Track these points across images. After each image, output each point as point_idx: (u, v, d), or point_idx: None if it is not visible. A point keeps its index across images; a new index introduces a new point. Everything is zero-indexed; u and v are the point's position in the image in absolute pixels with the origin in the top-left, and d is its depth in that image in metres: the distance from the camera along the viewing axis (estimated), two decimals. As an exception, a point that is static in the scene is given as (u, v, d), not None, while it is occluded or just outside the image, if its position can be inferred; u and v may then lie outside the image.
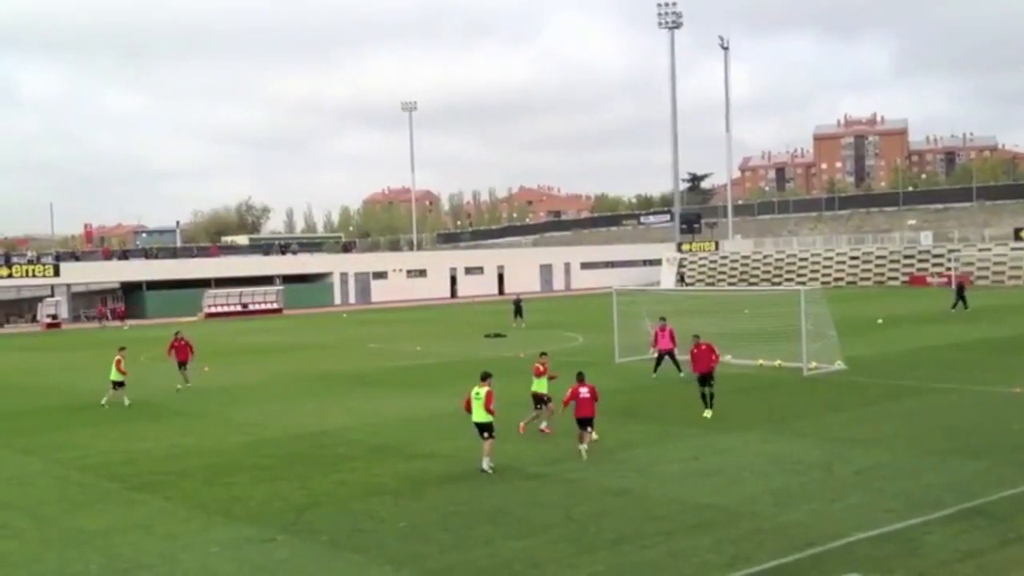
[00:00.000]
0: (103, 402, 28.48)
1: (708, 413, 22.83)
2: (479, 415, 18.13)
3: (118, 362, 28.69)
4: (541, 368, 21.76)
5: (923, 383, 27.48)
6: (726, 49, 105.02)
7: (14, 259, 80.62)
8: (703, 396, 23.25)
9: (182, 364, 32.19)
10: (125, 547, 14.24)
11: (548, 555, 13.07)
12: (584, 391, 19.15)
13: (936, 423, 21.40)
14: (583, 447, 18.93)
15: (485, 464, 17.96)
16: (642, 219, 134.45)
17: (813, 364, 30.02)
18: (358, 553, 13.54)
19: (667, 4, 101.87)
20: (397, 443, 21.45)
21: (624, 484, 16.80)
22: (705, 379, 23.21)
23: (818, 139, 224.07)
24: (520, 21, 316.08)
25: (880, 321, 31.36)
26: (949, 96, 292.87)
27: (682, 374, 29.23)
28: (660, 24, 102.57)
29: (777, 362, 31.30)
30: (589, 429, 19.16)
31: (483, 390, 18.19)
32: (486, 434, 18.05)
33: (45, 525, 15.76)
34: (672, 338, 30.12)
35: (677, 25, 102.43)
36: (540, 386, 21.49)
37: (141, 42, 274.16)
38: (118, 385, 28.58)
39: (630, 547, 13.26)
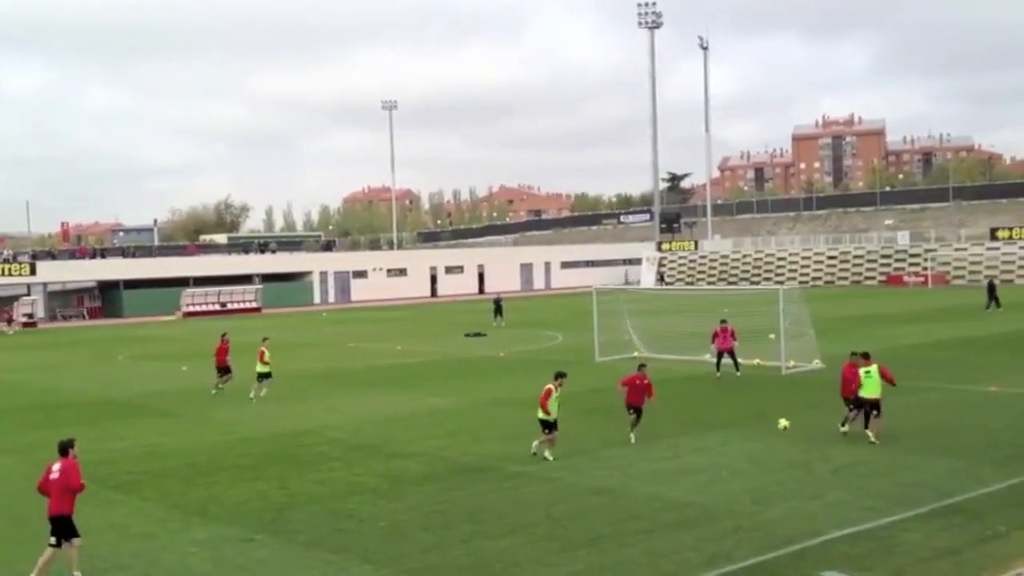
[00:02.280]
0: (251, 396, 27.79)
1: (871, 435, 19.31)
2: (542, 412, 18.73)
3: (261, 353, 28.18)
4: (854, 370, 19.58)
5: (900, 381, 27.46)
6: (705, 49, 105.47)
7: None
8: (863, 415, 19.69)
9: (220, 369, 29.63)
10: (102, 547, 14.13)
11: (528, 554, 13.07)
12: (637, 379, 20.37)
13: (913, 422, 21.54)
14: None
15: (547, 453, 18.73)
16: (622, 218, 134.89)
17: (791, 363, 30.18)
18: (337, 553, 13.50)
19: (647, 4, 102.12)
20: (377, 442, 21.41)
21: (604, 483, 16.81)
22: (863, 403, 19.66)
23: (796, 139, 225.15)
24: (504, 21, 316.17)
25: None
26: (926, 97, 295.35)
27: (739, 373, 29.36)
28: (640, 24, 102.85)
29: (756, 361, 31.42)
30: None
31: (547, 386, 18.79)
32: (547, 430, 18.68)
33: (21, 525, 15.61)
34: (734, 336, 29.88)
35: (657, 25, 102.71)
36: (871, 390, 19.34)
37: (124, 40, 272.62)
38: (264, 377, 28.09)
39: (610, 545, 13.28)
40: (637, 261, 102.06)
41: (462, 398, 27.61)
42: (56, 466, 13.04)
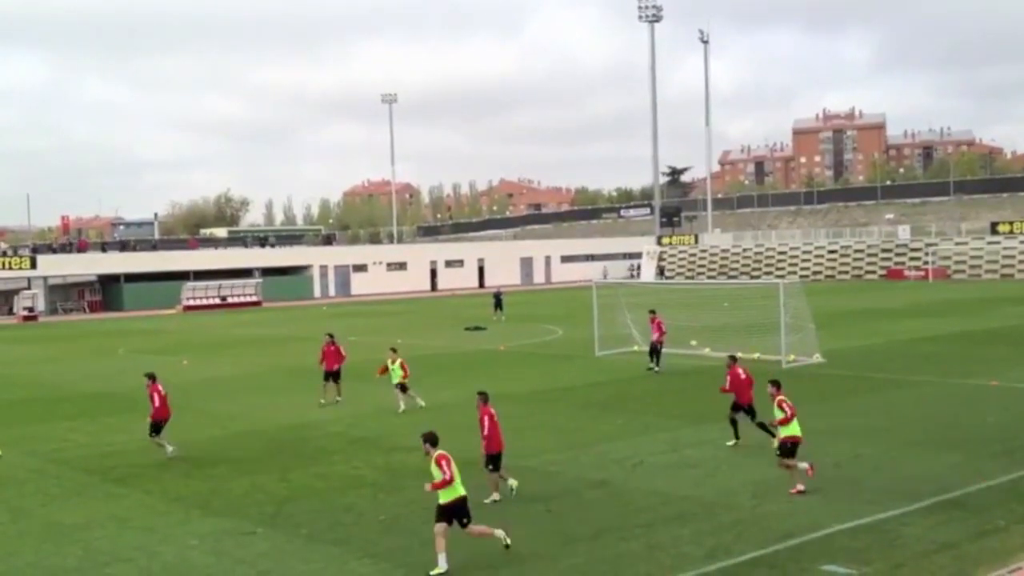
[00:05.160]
0: (400, 410, 24.56)
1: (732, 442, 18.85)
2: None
3: (384, 367, 25.32)
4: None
5: (900, 376, 27.65)
6: (706, 43, 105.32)
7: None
8: (733, 422, 19.05)
9: (329, 374, 26.59)
10: (103, 540, 14.16)
11: (528, 547, 13.08)
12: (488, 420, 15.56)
13: (913, 415, 21.55)
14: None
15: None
16: (622, 212, 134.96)
17: (792, 357, 30.15)
18: (337, 546, 13.52)
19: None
20: (377, 435, 21.43)
21: (603, 477, 16.82)
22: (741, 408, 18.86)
23: (797, 133, 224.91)
24: (504, 14, 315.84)
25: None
26: (927, 91, 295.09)
27: (657, 369, 29.44)
28: (640, 18, 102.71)
29: (756, 355, 31.38)
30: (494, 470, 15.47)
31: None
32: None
33: (22, 518, 15.65)
34: (660, 329, 29.68)
35: (657, 19, 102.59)
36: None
37: (124, 33, 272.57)
38: (402, 387, 25.10)
39: (610, 539, 13.29)
40: (637, 255, 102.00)
41: (462, 392, 27.58)
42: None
